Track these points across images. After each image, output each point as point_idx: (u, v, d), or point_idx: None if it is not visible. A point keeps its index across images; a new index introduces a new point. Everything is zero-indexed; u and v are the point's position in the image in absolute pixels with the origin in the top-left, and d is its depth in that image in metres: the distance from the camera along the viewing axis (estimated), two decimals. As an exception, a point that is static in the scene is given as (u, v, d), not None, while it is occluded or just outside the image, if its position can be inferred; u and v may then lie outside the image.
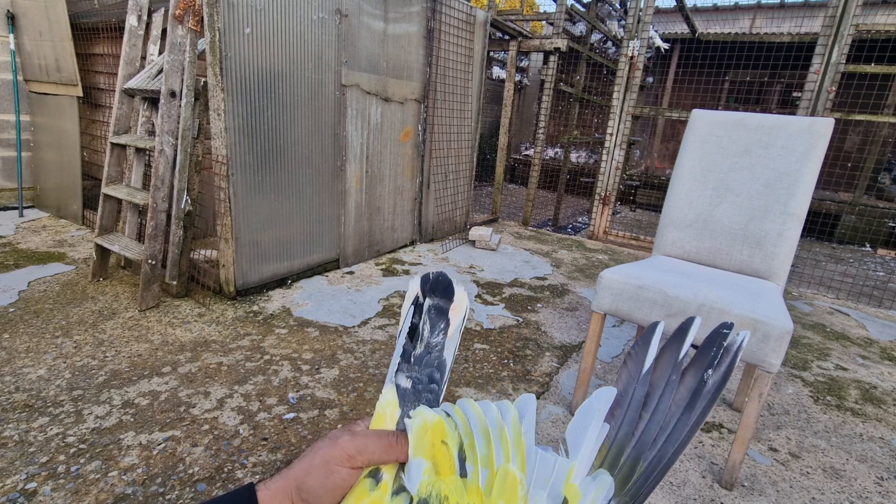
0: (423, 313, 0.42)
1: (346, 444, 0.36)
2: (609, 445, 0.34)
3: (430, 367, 0.40)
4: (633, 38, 3.84)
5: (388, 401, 0.40)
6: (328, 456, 0.36)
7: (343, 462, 0.36)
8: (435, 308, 0.42)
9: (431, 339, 0.41)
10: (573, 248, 3.99)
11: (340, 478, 0.36)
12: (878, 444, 1.65)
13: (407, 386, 0.40)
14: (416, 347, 0.41)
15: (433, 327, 0.41)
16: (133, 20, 2.34)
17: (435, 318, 0.42)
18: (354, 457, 0.36)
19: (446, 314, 0.42)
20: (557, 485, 0.33)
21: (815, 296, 3.27)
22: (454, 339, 0.42)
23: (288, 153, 2.44)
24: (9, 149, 3.59)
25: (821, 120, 1.62)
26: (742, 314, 1.29)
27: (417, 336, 0.42)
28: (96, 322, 2.02)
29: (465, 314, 0.43)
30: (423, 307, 0.42)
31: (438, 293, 0.43)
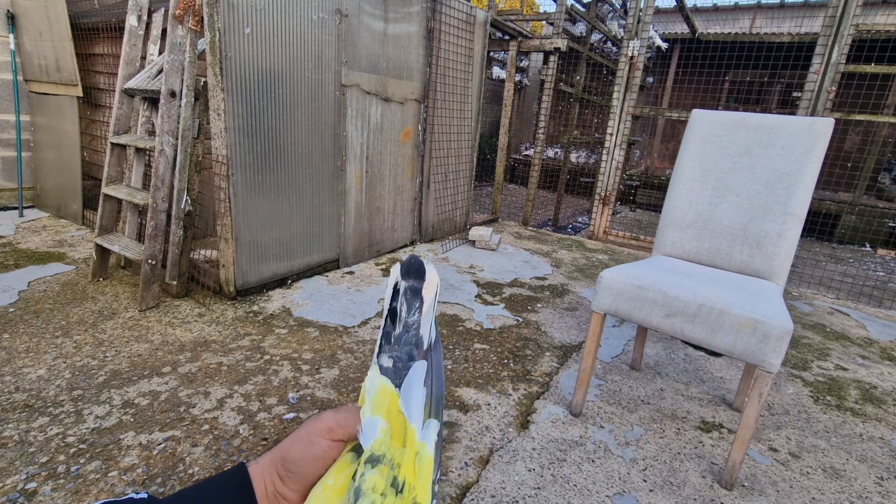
0: (400, 296, 0.45)
1: (328, 418, 0.39)
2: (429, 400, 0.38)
3: (409, 344, 0.42)
4: (633, 38, 3.84)
5: (370, 380, 0.42)
6: (311, 428, 0.38)
7: (324, 434, 0.38)
8: (410, 289, 0.45)
9: (408, 319, 0.43)
10: (573, 248, 3.99)
11: (321, 449, 0.37)
12: (878, 444, 1.65)
13: (388, 365, 0.42)
14: (396, 328, 0.43)
15: (409, 307, 0.44)
16: (133, 20, 2.34)
17: (411, 298, 0.44)
18: (334, 429, 0.38)
19: (420, 293, 0.44)
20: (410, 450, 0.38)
21: (815, 296, 3.27)
22: (429, 317, 0.43)
23: (288, 153, 2.44)
24: (9, 149, 3.59)
25: (821, 120, 1.62)
26: (742, 314, 1.29)
27: (397, 317, 0.44)
28: (96, 322, 2.02)
29: (437, 291, 0.45)
30: (400, 290, 0.45)
31: (412, 275, 0.45)
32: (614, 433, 1.59)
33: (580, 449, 1.50)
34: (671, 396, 1.84)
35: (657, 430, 1.62)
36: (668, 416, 1.71)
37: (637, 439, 1.57)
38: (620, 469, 1.43)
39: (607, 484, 1.36)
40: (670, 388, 1.90)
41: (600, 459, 1.46)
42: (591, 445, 1.52)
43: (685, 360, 2.15)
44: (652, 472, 1.43)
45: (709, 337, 1.35)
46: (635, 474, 1.41)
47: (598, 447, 1.52)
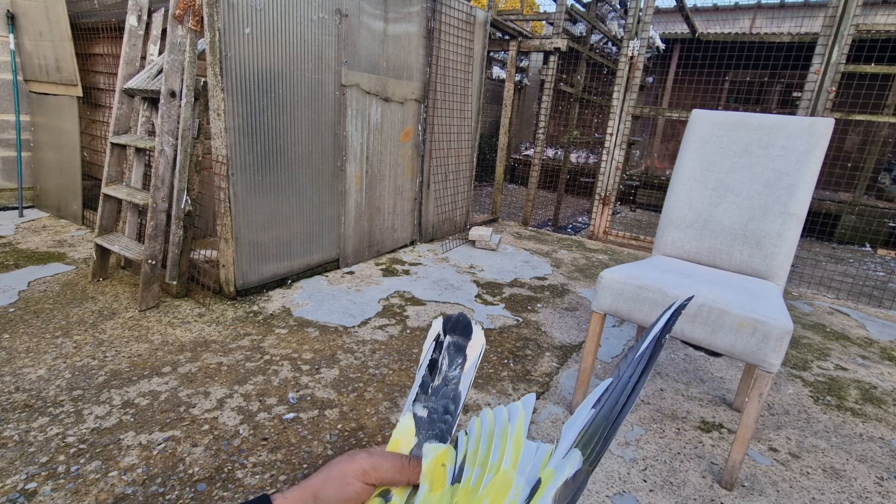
0: (442, 349, 0.45)
1: (362, 459, 0.39)
2: (587, 428, 0.35)
3: (447, 398, 0.43)
4: (633, 38, 3.84)
5: (405, 428, 0.42)
6: (345, 469, 0.38)
7: (358, 476, 0.38)
8: (454, 345, 0.45)
9: (449, 373, 0.44)
10: (573, 248, 3.99)
11: (354, 490, 0.38)
12: (878, 444, 1.65)
13: (423, 415, 0.42)
14: (434, 380, 0.44)
15: (451, 362, 0.44)
16: (133, 20, 2.34)
17: (453, 353, 0.45)
18: (369, 472, 0.38)
19: (464, 350, 0.45)
20: (535, 469, 0.35)
21: (815, 296, 3.27)
22: (469, 374, 0.44)
23: (288, 153, 2.44)
24: (9, 149, 3.59)
25: (821, 120, 1.62)
26: (742, 314, 1.29)
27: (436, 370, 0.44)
28: (96, 322, 2.02)
29: (481, 352, 0.45)
30: (444, 344, 0.46)
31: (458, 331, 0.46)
32: (614, 433, 1.59)
33: (580, 449, 1.50)
34: (671, 396, 1.84)
35: (657, 430, 1.62)
36: (668, 416, 1.71)
37: (637, 439, 1.57)
38: (620, 469, 1.43)
39: (607, 484, 1.36)
40: (670, 388, 1.90)
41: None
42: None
43: (685, 360, 2.15)
44: (652, 472, 1.43)
45: (709, 337, 1.35)
46: (635, 474, 1.41)
47: (598, 447, 1.51)
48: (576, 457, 0.33)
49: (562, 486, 0.32)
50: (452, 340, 0.45)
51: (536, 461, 0.35)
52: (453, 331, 0.46)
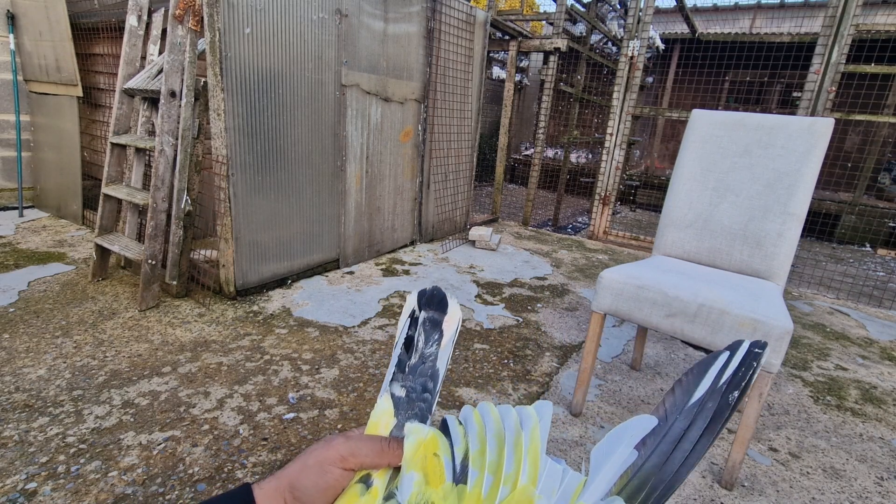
0: (418, 325, 0.44)
1: (339, 445, 0.37)
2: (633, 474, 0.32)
3: (424, 376, 0.41)
4: (633, 38, 3.84)
5: (382, 410, 0.41)
6: (322, 456, 0.37)
7: (336, 462, 0.37)
8: (430, 320, 0.44)
9: (426, 350, 0.43)
10: (573, 248, 3.99)
11: (333, 478, 0.36)
12: (878, 444, 1.65)
13: (401, 395, 0.41)
14: (411, 358, 0.43)
15: (427, 338, 0.43)
16: (133, 20, 2.34)
17: (430, 329, 0.43)
18: (347, 458, 0.37)
19: (440, 326, 0.44)
20: (564, 499, 0.32)
21: (815, 296, 3.27)
22: (447, 350, 0.43)
23: (288, 153, 2.44)
24: (9, 149, 3.59)
25: (821, 120, 1.62)
26: (742, 314, 1.29)
27: (413, 347, 0.43)
28: (96, 322, 2.02)
29: (458, 326, 0.44)
30: (419, 320, 0.44)
31: (433, 306, 0.45)
32: (614, 433, 1.59)
33: (580, 449, 1.50)
34: (671, 396, 1.84)
35: (657, 430, 1.62)
36: (668, 416, 1.71)
37: (637, 439, 1.57)
38: (620, 469, 1.43)
39: (607, 484, 1.36)
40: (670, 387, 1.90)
41: (600, 459, 1.46)
42: (591, 445, 1.52)
43: (685, 360, 2.15)
44: (652, 472, 1.43)
45: (709, 337, 1.35)
46: (635, 474, 1.41)
47: (598, 447, 1.51)
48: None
49: None
50: (428, 316, 0.44)
51: (566, 490, 0.33)
52: (428, 306, 0.45)
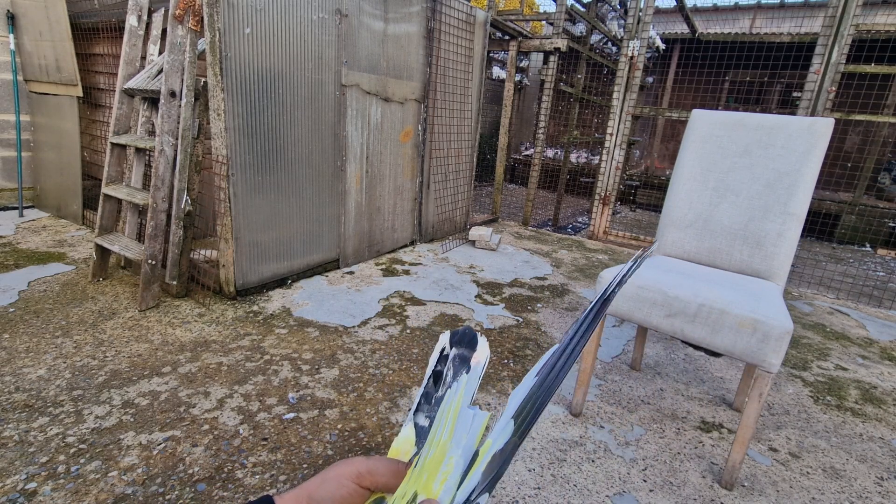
0: (447, 361, 0.46)
1: (358, 462, 0.39)
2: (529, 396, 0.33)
3: None
4: (633, 38, 3.84)
5: (405, 437, 0.43)
6: (341, 471, 0.39)
7: (353, 478, 0.38)
8: (459, 357, 0.46)
9: (452, 384, 0.45)
10: (573, 248, 3.99)
11: (348, 492, 0.38)
12: (878, 444, 1.65)
13: (424, 425, 0.43)
14: (437, 391, 0.45)
15: (455, 373, 0.45)
16: (133, 20, 2.34)
17: (458, 365, 0.46)
18: (364, 475, 0.38)
19: (468, 362, 0.46)
20: (472, 439, 0.34)
21: (815, 296, 3.27)
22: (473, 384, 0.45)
23: (288, 153, 2.44)
24: (9, 149, 3.59)
25: (821, 120, 1.62)
26: (742, 314, 1.29)
27: (441, 381, 0.45)
28: (96, 322, 2.02)
29: (486, 362, 0.46)
30: (449, 356, 0.47)
31: (464, 344, 0.47)
32: (614, 433, 1.59)
33: (580, 449, 1.50)
34: (671, 396, 1.84)
35: (657, 430, 1.62)
36: (668, 416, 1.71)
37: (637, 439, 1.57)
38: (620, 469, 1.43)
39: (607, 484, 1.36)
40: (670, 388, 1.90)
41: (600, 459, 1.46)
42: (591, 445, 1.52)
43: (685, 360, 2.15)
44: (652, 472, 1.43)
45: (709, 337, 1.35)
46: (635, 474, 1.41)
47: (597, 447, 1.52)
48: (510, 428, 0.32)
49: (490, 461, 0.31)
50: (458, 353, 0.46)
51: (473, 430, 0.34)
52: (459, 343, 0.47)
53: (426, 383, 0.45)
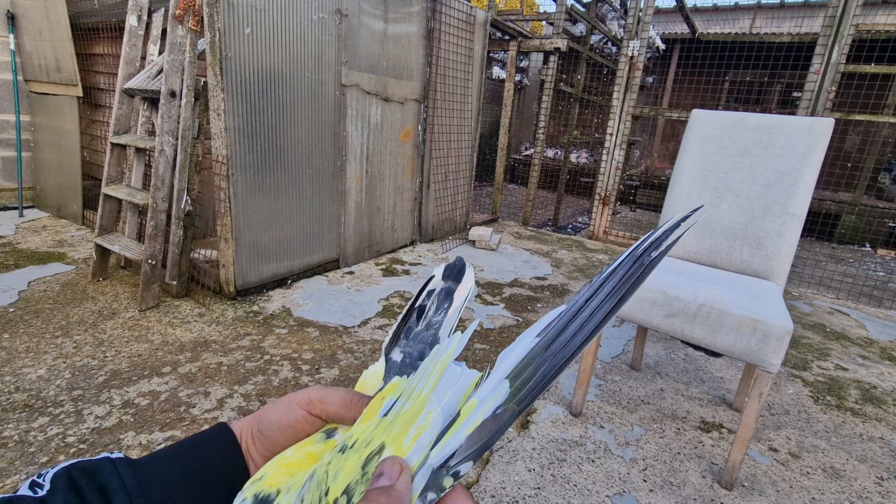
0: (433, 296, 0.43)
1: (310, 390, 0.37)
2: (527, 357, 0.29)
3: (424, 343, 0.40)
4: (633, 38, 3.84)
5: (373, 371, 0.40)
6: (292, 397, 0.37)
7: (302, 404, 0.36)
8: (444, 290, 0.43)
9: (433, 318, 0.42)
10: (573, 248, 3.99)
11: (295, 418, 0.36)
12: (878, 444, 1.65)
13: (397, 359, 0.40)
14: (418, 325, 0.42)
15: (438, 307, 0.42)
16: (133, 20, 2.34)
17: (442, 299, 0.43)
18: (314, 402, 0.36)
19: (452, 295, 0.43)
20: (455, 398, 0.30)
21: (815, 296, 3.27)
22: (452, 318, 0.41)
23: (288, 153, 2.44)
24: (9, 149, 3.59)
25: (821, 120, 1.62)
26: (742, 314, 1.29)
27: (423, 316, 0.42)
28: (96, 322, 2.02)
29: (468, 295, 0.43)
30: (434, 291, 0.43)
31: (452, 276, 0.44)
32: (614, 433, 1.59)
33: (580, 449, 1.50)
34: (671, 396, 1.84)
35: (657, 430, 1.62)
36: (668, 416, 1.71)
37: (637, 439, 1.57)
38: (620, 469, 1.43)
39: (607, 484, 1.36)
40: (670, 388, 1.90)
41: (600, 459, 1.46)
42: (591, 445, 1.52)
43: (685, 360, 2.15)
44: (652, 472, 1.43)
45: (709, 337, 1.35)
46: (635, 474, 1.41)
47: (598, 447, 1.52)
48: (502, 390, 0.28)
49: (479, 426, 0.27)
50: (445, 286, 0.43)
51: (459, 388, 0.30)
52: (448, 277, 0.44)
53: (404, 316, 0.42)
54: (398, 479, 0.26)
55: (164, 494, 0.32)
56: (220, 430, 0.37)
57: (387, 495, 0.26)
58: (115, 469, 0.32)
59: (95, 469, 0.32)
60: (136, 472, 0.32)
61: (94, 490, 0.30)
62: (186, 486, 0.33)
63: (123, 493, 0.31)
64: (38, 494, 0.30)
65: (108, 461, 0.32)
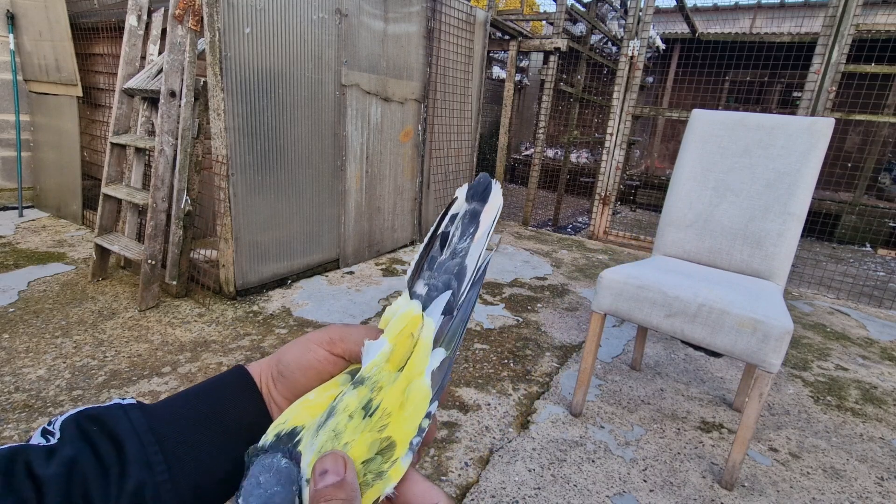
0: (456, 220, 0.40)
1: (331, 328, 0.36)
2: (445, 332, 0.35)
3: (449, 273, 0.37)
4: (633, 38, 3.83)
5: (397, 306, 0.38)
6: (312, 335, 0.36)
7: (323, 343, 0.35)
8: (469, 213, 0.40)
9: (458, 245, 0.39)
10: (573, 248, 3.99)
11: (316, 358, 0.35)
12: (878, 445, 1.65)
13: (421, 293, 0.37)
14: (443, 254, 0.39)
15: (463, 233, 0.39)
16: (133, 20, 2.34)
17: (467, 223, 0.39)
18: (335, 341, 0.35)
19: (478, 218, 0.39)
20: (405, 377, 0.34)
21: (816, 296, 3.27)
22: (480, 244, 0.39)
23: (288, 153, 2.44)
24: (9, 149, 3.59)
25: (821, 120, 1.62)
26: (742, 314, 1.29)
27: (447, 244, 0.39)
28: (96, 322, 2.02)
29: (496, 216, 0.39)
30: (458, 215, 0.40)
31: (476, 197, 0.40)
32: (614, 433, 1.59)
33: (580, 449, 1.50)
34: (671, 396, 1.84)
35: (657, 430, 1.62)
36: (668, 416, 1.71)
37: (637, 439, 1.57)
38: (620, 469, 1.43)
39: (607, 484, 1.36)
40: (670, 388, 1.90)
41: (600, 459, 1.46)
42: (591, 445, 1.52)
43: (685, 360, 2.15)
44: (652, 472, 1.43)
45: (709, 337, 1.35)
46: (635, 474, 1.41)
47: (598, 447, 1.51)
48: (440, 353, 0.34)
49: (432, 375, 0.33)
50: (469, 208, 0.39)
51: None
52: (472, 198, 0.40)
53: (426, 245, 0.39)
54: (346, 472, 0.27)
55: (177, 439, 0.31)
56: (237, 372, 0.36)
57: (342, 490, 0.27)
58: (125, 415, 0.31)
59: (105, 416, 0.31)
60: (148, 418, 0.31)
61: (104, 437, 0.29)
62: (201, 431, 0.32)
63: (135, 439, 0.29)
64: (50, 442, 0.29)
65: (118, 407, 0.31)
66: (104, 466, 0.28)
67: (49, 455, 0.28)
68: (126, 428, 0.30)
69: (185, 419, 0.32)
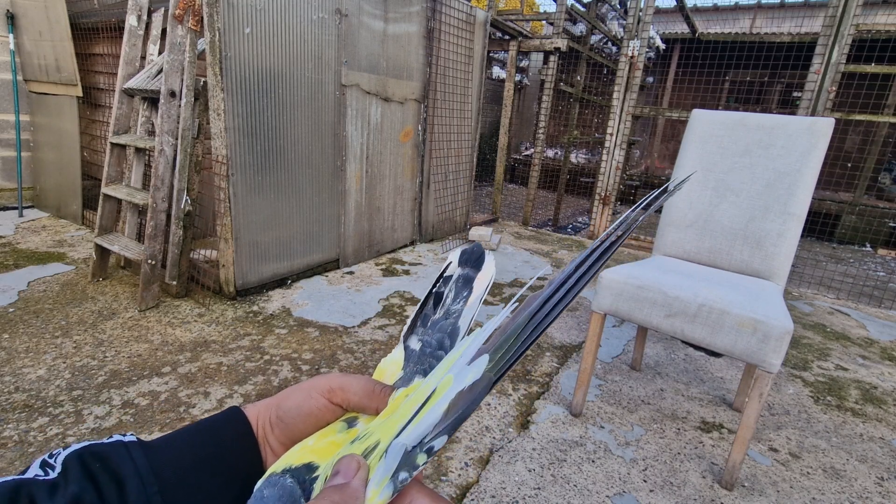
0: (450, 282, 0.42)
1: (331, 376, 0.37)
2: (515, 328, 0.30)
3: (443, 332, 0.39)
4: (633, 38, 3.83)
5: (393, 359, 0.39)
6: (313, 383, 0.37)
7: (323, 392, 0.36)
8: (463, 277, 0.42)
9: (452, 307, 0.41)
10: (573, 248, 3.99)
11: (316, 406, 0.35)
12: (878, 445, 1.65)
13: (415, 348, 0.39)
14: (436, 313, 0.41)
15: (456, 295, 0.41)
16: (133, 20, 2.34)
17: (461, 286, 0.41)
18: (335, 390, 0.36)
19: (472, 283, 0.41)
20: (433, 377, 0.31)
21: (816, 296, 3.27)
22: (472, 308, 0.40)
23: (288, 153, 2.44)
24: (8, 149, 3.59)
25: (821, 120, 1.62)
26: (742, 314, 1.29)
27: (441, 303, 0.41)
28: (96, 322, 2.02)
29: (489, 284, 0.41)
30: (452, 277, 0.42)
31: (470, 263, 0.42)
32: (614, 433, 1.59)
33: (580, 449, 1.50)
34: (671, 396, 1.84)
35: (657, 430, 1.62)
36: (668, 416, 1.71)
37: (637, 439, 1.57)
38: (620, 469, 1.43)
39: (607, 484, 1.36)
40: (670, 388, 1.90)
41: (600, 459, 1.46)
42: (591, 445, 1.52)
43: (685, 360, 2.15)
44: (652, 472, 1.43)
45: (709, 337, 1.35)
46: (635, 474, 1.41)
47: (598, 447, 1.51)
48: (482, 364, 0.29)
49: (454, 398, 0.28)
50: (462, 273, 0.42)
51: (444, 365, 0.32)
52: (465, 263, 0.42)
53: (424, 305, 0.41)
54: (354, 477, 0.27)
55: (178, 480, 0.32)
56: (234, 414, 0.37)
57: (340, 492, 0.26)
58: (128, 454, 0.31)
59: (109, 454, 0.31)
60: (150, 457, 0.32)
61: (107, 476, 0.30)
62: (201, 472, 0.33)
63: (137, 480, 0.30)
64: (50, 476, 0.29)
65: (121, 445, 0.32)
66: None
67: (52, 491, 0.28)
68: (129, 469, 0.31)
69: (185, 461, 0.33)
